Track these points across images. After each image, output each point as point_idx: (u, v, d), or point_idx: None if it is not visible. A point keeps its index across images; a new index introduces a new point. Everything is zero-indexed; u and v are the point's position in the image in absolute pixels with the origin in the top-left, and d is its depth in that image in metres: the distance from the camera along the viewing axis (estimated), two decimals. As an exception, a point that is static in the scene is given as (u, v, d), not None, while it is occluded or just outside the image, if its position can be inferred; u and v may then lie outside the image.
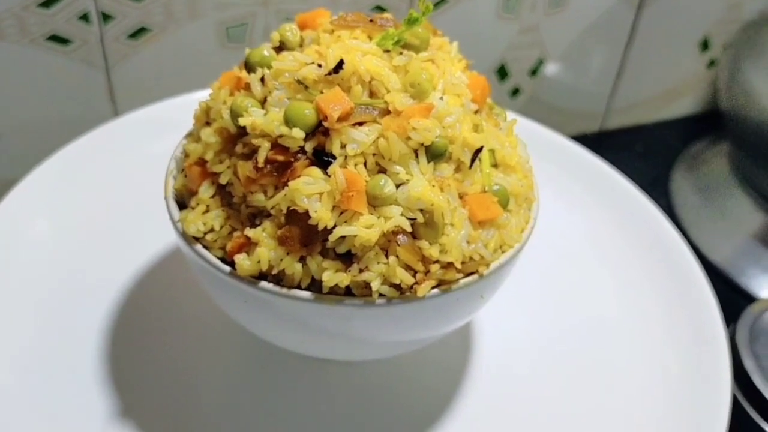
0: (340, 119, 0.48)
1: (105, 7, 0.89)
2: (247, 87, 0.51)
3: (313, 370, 0.62)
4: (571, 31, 1.09)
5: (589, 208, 0.77)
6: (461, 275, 0.50)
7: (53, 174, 0.72)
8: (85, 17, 0.89)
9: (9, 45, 0.87)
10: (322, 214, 0.47)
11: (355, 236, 0.47)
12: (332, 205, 0.48)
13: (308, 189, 0.47)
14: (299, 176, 0.48)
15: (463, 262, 0.50)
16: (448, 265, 0.50)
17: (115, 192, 0.73)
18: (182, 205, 0.54)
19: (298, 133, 0.48)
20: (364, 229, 0.47)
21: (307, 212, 0.47)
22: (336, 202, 0.47)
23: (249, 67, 0.52)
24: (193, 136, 0.55)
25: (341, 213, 0.48)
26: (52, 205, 0.71)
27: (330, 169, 0.48)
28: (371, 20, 0.53)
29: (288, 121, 0.48)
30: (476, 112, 0.54)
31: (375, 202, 0.48)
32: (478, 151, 0.51)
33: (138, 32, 0.92)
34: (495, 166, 0.54)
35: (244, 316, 0.54)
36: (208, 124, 0.54)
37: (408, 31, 0.51)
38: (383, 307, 0.49)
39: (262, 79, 0.51)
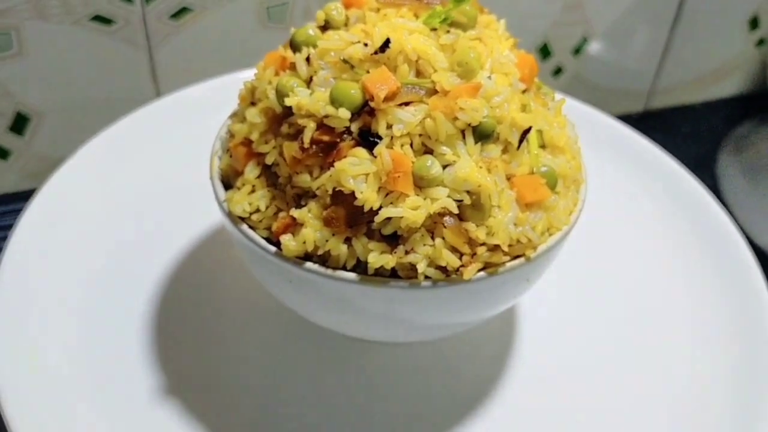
0: (386, 99, 0.47)
1: (147, -13, 0.89)
2: (293, 67, 0.51)
3: (356, 350, 0.62)
4: (615, 7, 1.06)
5: (635, 190, 0.75)
6: (508, 258, 0.50)
7: (98, 154, 0.72)
8: (127, -3, 0.89)
9: (53, 26, 0.88)
10: (367, 195, 0.47)
11: (401, 218, 0.47)
12: (378, 186, 0.47)
13: (354, 170, 0.47)
14: (345, 157, 0.47)
15: (509, 245, 0.49)
16: (495, 248, 0.49)
17: (159, 172, 0.73)
18: (227, 185, 0.54)
19: (344, 113, 0.47)
20: (411, 210, 0.47)
21: (352, 193, 0.47)
22: (382, 183, 0.47)
23: (294, 47, 0.51)
24: (238, 116, 0.55)
25: (387, 194, 0.47)
26: (97, 185, 0.71)
27: (376, 150, 0.47)
28: (418, 1, 0.52)
29: (334, 101, 0.47)
30: (524, 91, 0.52)
31: (421, 183, 0.47)
32: (527, 131, 0.50)
33: (180, 12, 0.92)
34: (543, 147, 0.53)
35: (289, 297, 0.54)
36: (253, 104, 0.53)
37: (455, 9, 0.50)
38: (429, 290, 0.48)
39: (308, 59, 0.50)
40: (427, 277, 0.48)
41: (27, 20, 0.87)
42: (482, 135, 0.48)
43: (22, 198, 0.78)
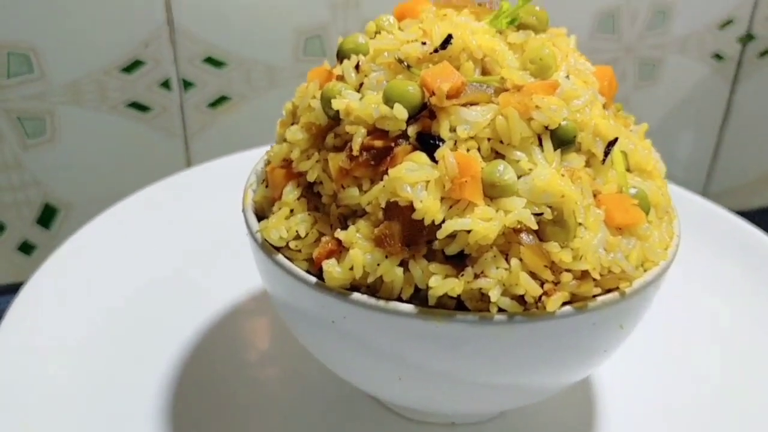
0: (449, 96, 0.39)
1: (186, 74, 0.84)
2: (340, 79, 0.43)
3: (407, 432, 0.50)
4: (661, 106, 1.00)
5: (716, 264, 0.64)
6: (598, 291, 0.39)
7: (121, 217, 0.65)
8: (166, 84, 0.84)
9: (88, 112, 0.83)
10: (429, 205, 0.37)
11: (470, 232, 0.37)
12: (441, 195, 0.38)
13: (412, 176, 0.38)
14: (401, 164, 0.38)
15: (600, 275, 0.39)
16: (583, 276, 0.39)
17: (186, 238, 0.65)
18: (262, 219, 0.45)
19: (401, 112, 0.39)
20: (481, 222, 0.37)
21: (410, 205, 0.38)
22: (445, 192, 0.38)
23: (341, 57, 0.44)
24: (276, 142, 0.47)
25: (451, 206, 0.38)
26: (122, 246, 0.63)
27: (438, 153, 0.38)
28: (479, 3, 0.45)
29: (388, 101, 0.39)
30: (603, 106, 0.44)
31: (492, 192, 0.38)
32: (612, 143, 0.41)
33: (218, 101, 0.87)
34: (628, 170, 0.43)
35: (330, 347, 0.43)
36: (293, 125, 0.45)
37: (524, 8, 0.43)
38: (503, 326, 0.38)
39: (357, 67, 0.42)
40: (501, 310, 0.38)
41: (61, 105, 0.82)
42: (562, 141, 0.40)
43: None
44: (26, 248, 0.88)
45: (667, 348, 0.57)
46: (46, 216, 0.88)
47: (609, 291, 0.40)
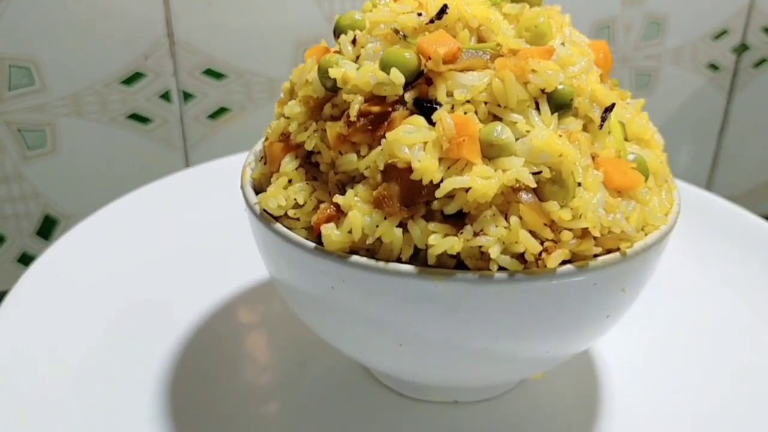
0: (445, 62, 0.39)
1: (186, 86, 0.85)
2: (338, 54, 0.44)
3: (410, 413, 0.49)
4: (658, 116, 1.01)
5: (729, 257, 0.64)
6: (599, 250, 0.39)
7: (112, 218, 0.65)
8: (166, 95, 0.85)
9: (89, 123, 0.84)
10: (427, 165, 0.38)
11: (468, 190, 0.37)
12: (439, 156, 0.38)
13: (410, 138, 0.38)
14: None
15: (600, 235, 0.39)
16: (583, 234, 0.39)
17: (183, 235, 0.65)
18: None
19: (398, 77, 0.39)
20: (480, 179, 0.37)
21: (408, 167, 0.38)
22: (443, 152, 0.38)
23: (338, 33, 0.45)
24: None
25: (449, 166, 0.38)
26: (118, 242, 0.63)
27: (435, 116, 0.39)
28: (475, -19, 0.45)
29: (385, 68, 0.40)
30: (600, 78, 0.44)
31: (490, 152, 0.38)
32: (609, 108, 0.41)
33: (218, 112, 0.88)
34: (626, 140, 0.44)
35: (329, 317, 0.43)
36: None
37: (519, -20, 0.43)
38: (504, 284, 0.38)
39: (354, 41, 0.43)
40: (501, 268, 0.38)
41: (63, 116, 0.83)
42: (559, 104, 0.40)
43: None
44: (26, 259, 0.88)
45: (673, 333, 0.57)
46: (46, 227, 0.88)
47: (610, 252, 0.40)
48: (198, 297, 0.59)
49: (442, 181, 0.38)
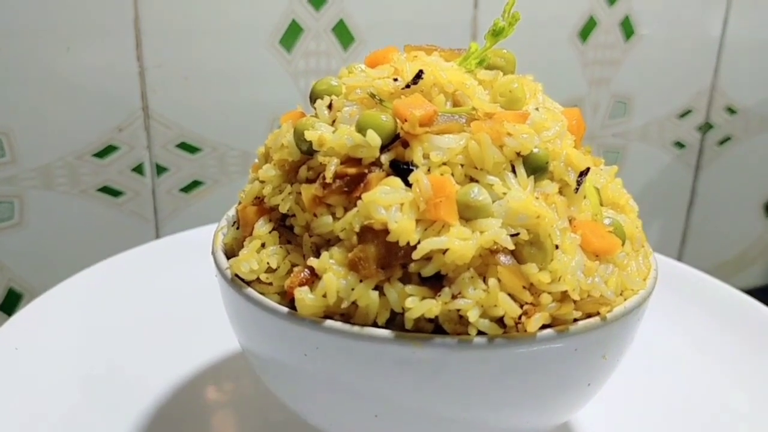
0: (422, 124, 0.39)
1: (160, 159, 0.85)
2: (314, 118, 0.43)
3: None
4: (627, 192, 1.02)
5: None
6: (579, 314, 0.38)
7: (78, 288, 0.62)
8: (138, 168, 0.84)
9: (58, 195, 0.82)
10: (404, 226, 0.37)
11: (446, 251, 0.36)
12: (416, 217, 0.37)
13: (386, 199, 0.38)
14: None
15: (579, 298, 0.38)
16: (562, 297, 0.38)
17: (150, 306, 0.63)
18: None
19: (374, 139, 0.39)
20: (457, 241, 0.36)
21: (385, 228, 0.37)
22: (420, 213, 0.37)
23: (314, 98, 0.44)
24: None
25: (426, 228, 0.37)
26: (82, 314, 0.60)
27: (412, 177, 0.38)
28: (449, 48, 0.46)
29: (361, 130, 0.39)
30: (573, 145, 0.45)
31: (467, 214, 0.38)
32: (585, 173, 0.41)
33: (191, 185, 0.87)
34: (601, 205, 0.43)
35: (302, 387, 0.41)
36: (266, 166, 0.45)
37: (492, 49, 0.44)
38: (483, 350, 0.36)
39: (330, 106, 0.43)
40: (480, 333, 0.36)
41: (31, 189, 0.81)
42: (535, 167, 0.40)
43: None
44: (-14, 337, 0.84)
45: (651, 405, 0.56)
46: (10, 302, 0.85)
47: (590, 317, 0.39)
48: (164, 371, 0.56)
49: (419, 242, 0.37)
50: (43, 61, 0.77)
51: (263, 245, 0.41)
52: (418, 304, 0.36)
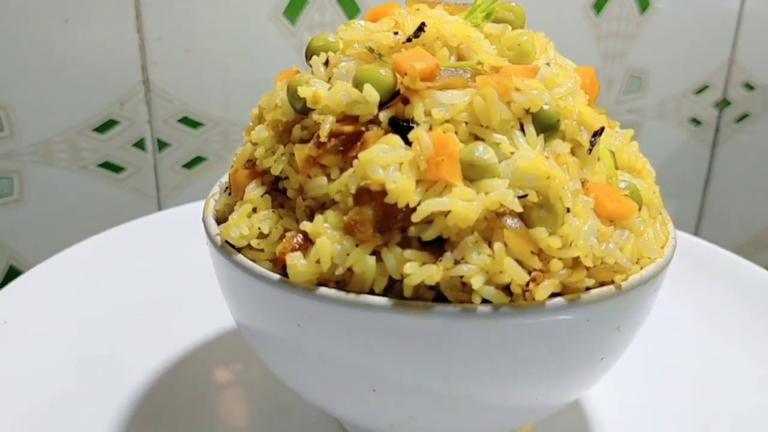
0: (423, 79, 0.36)
1: (161, 134, 0.82)
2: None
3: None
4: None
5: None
6: (591, 282, 0.35)
7: (74, 262, 0.60)
8: (140, 144, 0.82)
9: (58, 171, 0.80)
10: (403, 187, 0.34)
11: (448, 214, 0.33)
12: (416, 178, 0.34)
13: (384, 158, 0.34)
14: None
15: (592, 265, 0.35)
16: (574, 264, 0.35)
17: (148, 281, 0.60)
18: (224, 227, 0.41)
19: (372, 95, 0.36)
20: (460, 202, 0.33)
21: (382, 190, 0.34)
22: (420, 174, 0.34)
23: (311, 55, 0.41)
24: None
25: (428, 189, 0.34)
26: (77, 288, 0.58)
27: (412, 134, 0.35)
28: (455, 3, 0.43)
29: (358, 86, 0.36)
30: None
31: (472, 174, 0.35)
32: (599, 133, 0.38)
33: (194, 161, 0.84)
34: (616, 168, 0.40)
35: (296, 361, 0.38)
36: (260, 128, 0.42)
37: (500, 1, 0.41)
38: (488, 319, 0.33)
39: (327, 63, 0.40)
40: (485, 301, 0.33)
41: (31, 164, 0.79)
42: (545, 126, 0.37)
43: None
44: (-14, 315, 0.82)
45: (668, 383, 0.52)
46: (10, 279, 0.83)
47: (603, 285, 0.36)
48: (159, 348, 0.54)
49: (419, 204, 0.34)
50: (41, 34, 0.74)
51: (255, 210, 0.38)
52: (417, 270, 0.33)
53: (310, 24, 0.81)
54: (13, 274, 0.82)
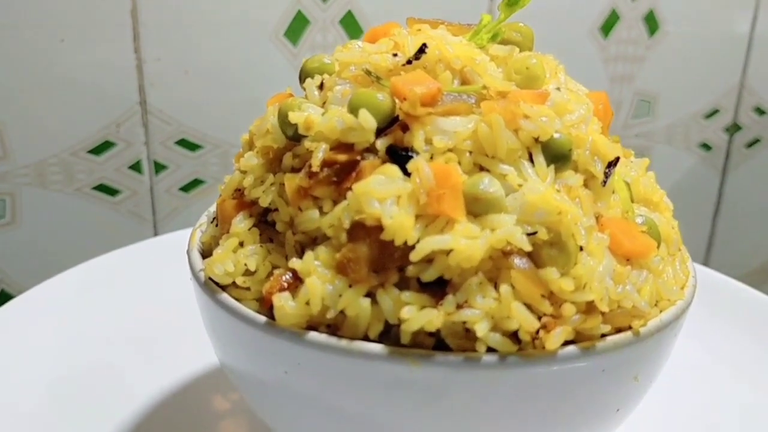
0: (424, 104, 0.33)
1: (158, 156, 0.79)
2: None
3: None
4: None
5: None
6: (607, 328, 0.32)
7: (79, 279, 0.57)
8: (136, 166, 0.79)
9: (52, 193, 0.77)
10: (400, 222, 0.30)
11: (450, 252, 0.30)
12: (415, 212, 0.31)
13: (381, 190, 0.31)
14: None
15: (608, 310, 0.32)
16: (588, 308, 0.31)
17: (139, 309, 0.57)
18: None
19: (368, 121, 0.33)
20: (463, 240, 0.30)
21: (378, 225, 0.31)
22: (420, 208, 0.31)
23: (305, 78, 0.38)
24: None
25: (428, 224, 0.31)
26: (69, 314, 0.55)
27: (411, 165, 0.32)
28: (458, 23, 0.40)
29: (354, 112, 0.33)
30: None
31: (476, 208, 0.31)
32: (614, 163, 0.35)
33: (191, 184, 0.81)
34: (632, 201, 0.37)
35: (283, 408, 0.35)
36: (250, 155, 0.39)
37: (506, 20, 0.37)
38: (493, 369, 0.30)
39: (321, 86, 0.37)
40: (490, 349, 0.30)
41: (24, 186, 0.76)
42: (555, 155, 0.33)
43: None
44: (-24, 341, 0.79)
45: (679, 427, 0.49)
46: (1, 304, 0.80)
47: (620, 331, 0.32)
48: (154, 377, 0.50)
49: (418, 241, 0.31)
50: (36, 53, 0.72)
51: (241, 244, 0.35)
52: (416, 315, 0.30)
53: (312, 45, 0.79)
54: (4, 298, 0.79)
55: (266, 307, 0.33)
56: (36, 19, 0.71)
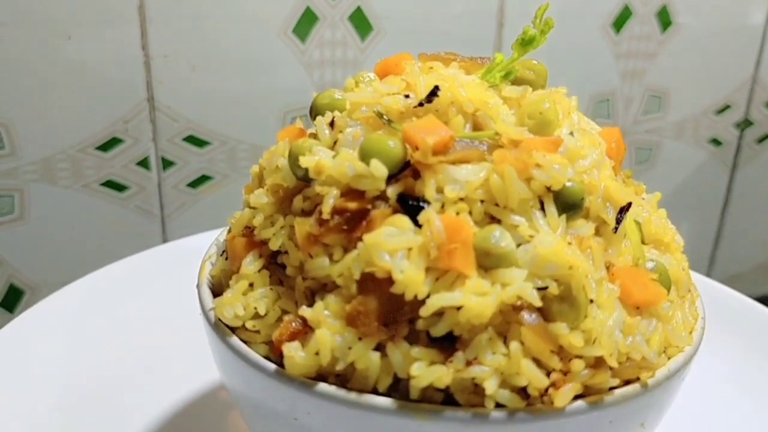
0: (436, 152, 0.33)
1: (166, 153, 0.79)
2: (313, 137, 0.37)
3: None
4: (659, 191, 0.95)
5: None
6: (616, 382, 0.32)
7: (93, 288, 0.57)
8: (144, 162, 0.78)
9: (60, 190, 0.77)
10: (411, 277, 0.30)
11: (460, 309, 0.30)
12: (425, 265, 0.31)
13: (391, 242, 0.31)
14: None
15: (617, 363, 0.32)
16: (597, 364, 0.31)
17: (153, 318, 0.57)
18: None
19: (379, 170, 0.32)
20: (474, 297, 0.30)
21: (388, 277, 0.31)
22: (431, 261, 0.31)
23: (315, 114, 0.38)
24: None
25: (438, 278, 0.31)
26: (84, 322, 0.55)
27: (422, 216, 0.32)
28: (470, 58, 0.39)
29: (365, 158, 0.33)
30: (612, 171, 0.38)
31: (487, 262, 0.31)
32: (625, 209, 0.34)
33: (199, 180, 0.81)
34: (643, 242, 0.37)
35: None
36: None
37: (520, 58, 0.37)
38: (502, 425, 0.30)
39: (332, 124, 0.36)
40: (499, 405, 0.30)
41: (32, 182, 0.76)
42: (567, 204, 0.33)
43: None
44: (-13, 334, 0.80)
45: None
46: (10, 298, 0.80)
47: (628, 382, 0.32)
48: (160, 393, 0.51)
49: (428, 296, 0.30)
50: (43, 50, 0.71)
51: (251, 285, 0.35)
52: (425, 371, 0.30)
53: (321, 42, 0.78)
54: (13, 292, 0.80)
55: (276, 353, 0.33)
56: (43, 16, 0.70)
